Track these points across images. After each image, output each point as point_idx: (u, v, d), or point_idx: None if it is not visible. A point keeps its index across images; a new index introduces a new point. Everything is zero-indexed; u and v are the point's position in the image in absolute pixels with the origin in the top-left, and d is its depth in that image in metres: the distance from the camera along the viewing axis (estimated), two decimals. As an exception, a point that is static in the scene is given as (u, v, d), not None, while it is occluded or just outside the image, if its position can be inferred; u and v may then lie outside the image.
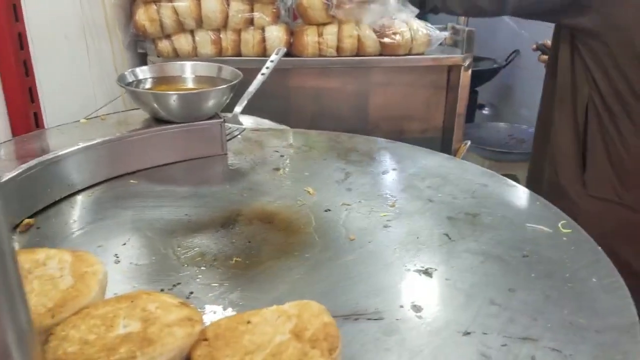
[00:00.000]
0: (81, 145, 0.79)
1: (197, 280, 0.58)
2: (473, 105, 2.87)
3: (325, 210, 0.74)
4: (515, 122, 2.68)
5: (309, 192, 0.80)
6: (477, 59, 2.78)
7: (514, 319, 0.51)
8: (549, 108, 1.19)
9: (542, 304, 0.54)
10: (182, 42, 1.46)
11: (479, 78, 2.71)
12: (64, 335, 0.37)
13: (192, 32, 1.46)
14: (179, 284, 0.57)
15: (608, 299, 0.54)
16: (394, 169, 0.90)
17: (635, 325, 0.50)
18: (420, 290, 0.57)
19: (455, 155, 1.64)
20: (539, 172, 1.24)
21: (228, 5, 1.43)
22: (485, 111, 3.13)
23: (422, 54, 1.56)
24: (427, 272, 0.60)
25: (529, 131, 2.51)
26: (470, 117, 2.81)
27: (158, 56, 1.47)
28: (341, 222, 0.71)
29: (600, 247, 0.64)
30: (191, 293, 0.56)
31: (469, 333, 0.49)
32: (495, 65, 2.76)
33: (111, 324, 0.37)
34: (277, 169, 0.89)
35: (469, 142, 1.77)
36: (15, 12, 0.86)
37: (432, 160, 0.93)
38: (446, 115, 1.73)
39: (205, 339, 0.38)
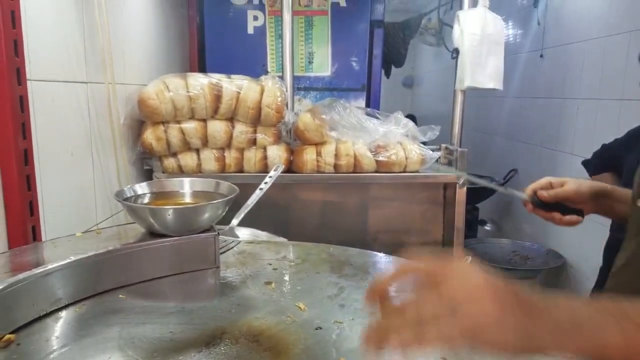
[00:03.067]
0: (72, 259, 0.79)
1: (174, 405, 0.54)
2: (474, 221, 2.89)
3: (316, 329, 0.72)
4: (518, 238, 2.68)
5: (300, 307, 0.78)
6: (475, 177, 2.88)
7: None
8: None
9: None
10: (188, 159, 1.53)
11: (478, 195, 2.78)
12: None
13: (197, 150, 1.55)
14: (153, 409, 0.53)
15: None
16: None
17: None
18: (414, 420, 0.52)
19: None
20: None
21: (233, 127, 1.53)
22: (487, 227, 3.15)
23: (417, 172, 1.63)
24: (421, 399, 0.56)
25: (533, 247, 2.50)
26: (472, 232, 2.82)
27: (163, 172, 1.54)
28: (332, 342, 0.68)
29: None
30: (165, 421, 0.52)
31: None
32: (493, 183, 2.84)
33: None
34: (269, 283, 0.88)
35: (469, 258, 1.76)
36: (24, 130, 0.92)
37: (427, 276, 0.91)
38: (445, 229, 1.75)
39: None
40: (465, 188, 1.63)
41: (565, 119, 2.36)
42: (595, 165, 1.51)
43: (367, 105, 2.34)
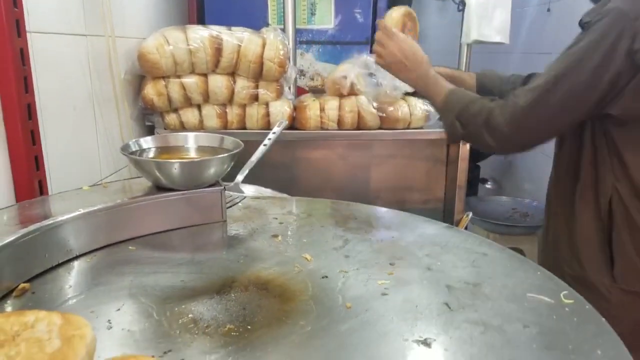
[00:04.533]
0: (81, 211, 0.80)
1: (189, 347, 0.57)
2: (475, 179, 2.90)
3: (322, 277, 0.74)
4: (519, 196, 2.70)
5: (306, 258, 0.80)
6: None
7: (516, 392, 0.49)
8: (567, 203, 1.11)
9: (545, 377, 0.51)
10: (189, 115, 1.52)
11: (480, 153, 2.78)
12: (45, 400, 0.36)
13: (198, 106, 1.54)
14: (170, 351, 0.56)
15: (614, 372, 0.52)
16: (392, 237, 0.90)
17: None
18: (419, 361, 0.55)
19: (457, 227, 1.64)
20: (555, 262, 1.15)
21: (234, 82, 1.51)
22: (488, 185, 3.17)
23: (421, 128, 1.62)
24: (425, 343, 0.58)
25: (532, 205, 2.52)
26: (473, 190, 2.84)
27: (165, 128, 1.53)
28: (338, 290, 0.70)
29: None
30: (181, 361, 0.54)
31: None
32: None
33: (94, 388, 0.36)
34: (276, 236, 0.89)
35: (470, 214, 1.78)
36: (26, 84, 0.91)
37: (431, 229, 0.93)
38: (447, 187, 1.76)
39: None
40: (468, 145, 1.62)
41: None
42: None
43: (371, 59, 2.29)
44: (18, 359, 0.40)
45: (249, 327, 0.61)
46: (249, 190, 1.18)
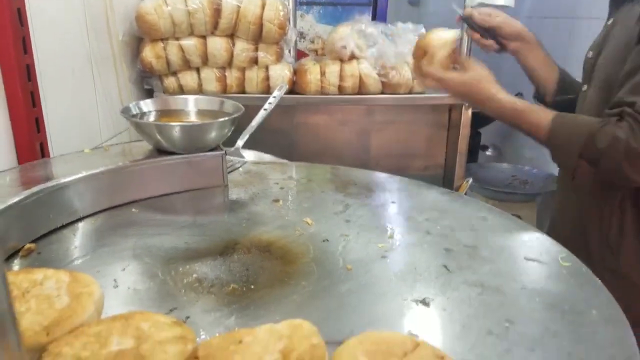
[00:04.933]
0: (84, 173, 0.81)
1: (194, 305, 0.58)
2: (476, 146, 2.90)
3: (323, 241, 0.75)
4: (519, 163, 2.70)
5: (307, 222, 0.81)
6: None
7: (510, 350, 0.50)
8: (604, 193, 1.02)
9: (540, 336, 0.53)
10: (188, 79, 1.51)
11: (482, 119, 2.76)
12: (58, 352, 0.37)
13: (197, 69, 1.51)
14: (175, 308, 0.57)
15: (607, 331, 0.54)
16: (392, 202, 0.90)
17: (634, 357, 0.49)
18: (417, 320, 0.56)
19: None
20: (584, 251, 1.03)
21: (233, 44, 1.48)
22: (489, 152, 3.16)
23: (423, 93, 1.61)
24: (424, 302, 0.59)
25: (532, 172, 2.53)
26: (473, 157, 2.83)
27: (164, 92, 1.51)
28: (339, 253, 0.71)
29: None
30: (187, 317, 0.56)
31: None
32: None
33: (105, 341, 0.37)
34: (277, 201, 0.90)
35: (470, 180, 1.79)
36: (24, 45, 0.90)
37: (431, 194, 0.94)
38: (448, 153, 1.76)
39: (196, 357, 0.38)
40: (470, 111, 1.61)
41: (575, 39, 2.28)
42: None
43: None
44: (28, 315, 0.41)
45: (252, 287, 0.62)
46: (249, 155, 1.18)
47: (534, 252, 0.72)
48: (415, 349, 0.40)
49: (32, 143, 0.94)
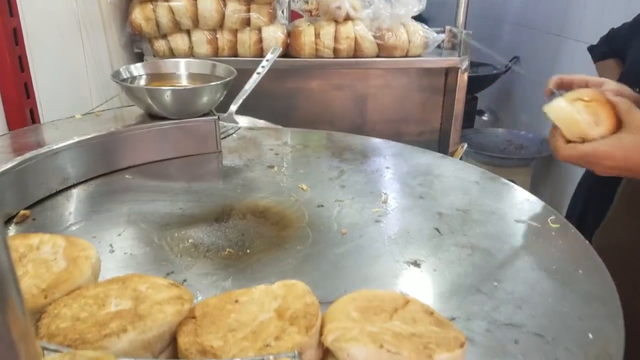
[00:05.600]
0: (76, 139, 0.80)
1: (191, 269, 0.59)
2: (472, 111, 2.88)
3: (318, 206, 0.75)
4: (515, 128, 2.70)
5: (302, 188, 0.81)
6: (476, 65, 2.81)
7: (498, 307, 0.52)
8: None
9: (527, 294, 0.55)
10: (178, 41, 1.47)
11: (478, 84, 2.73)
12: (56, 313, 0.38)
13: (188, 32, 1.48)
14: (172, 272, 0.58)
15: (593, 289, 0.55)
16: (387, 167, 0.91)
17: (617, 314, 0.51)
18: (408, 280, 0.58)
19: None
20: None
21: (224, 5, 1.44)
22: (485, 117, 3.15)
23: (419, 56, 1.58)
24: (415, 264, 0.61)
25: (528, 137, 2.53)
26: (469, 122, 2.82)
27: (154, 56, 1.48)
28: (333, 217, 0.72)
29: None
30: (184, 281, 0.57)
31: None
32: (494, 71, 2.78)
33: (102, 303, 0.38)
34: (272, 167, 0.90)
35: (465, 145, 1.79)
36: (10, 7, 0.87)
37: (425, 159, 0.94)
38: (443, 118, 1.75)
39: (193, 317, 0.39)
40: (466, 74, 1.60)
41: (573, 3, 2.25)
42: (601, 51, 1.46)
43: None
44: (26, 279, 0.42)
45: (248, 251, 0.63)
46: (243, 121, 1.17)
47: (524, 214, 0.73)
48: (405, 305, 0.41)
49: (22, 109, 0.93)
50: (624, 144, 0.66)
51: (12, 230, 0.68)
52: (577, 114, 0.68)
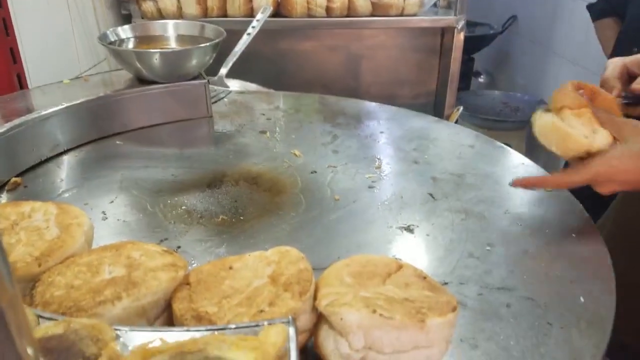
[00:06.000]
0: (65, 105, 0.78)
1: (184, 236, 0.59)
2: (469, 73, 2.84)
3: (311, 172, 0.75)
4: (511, 90, 2.68)
5: (295, 154, 0.81)
6: (473, 25, 2.74)
7: (491, 271, 0.53)
8: None
9: (519, 258, 0.55)
10: (166, 2, 1.43)
11: (475, 44, 2.68)
12: (51, 281, 0.38)
13: (177, -8, 1.43)
14: (166, 239, 0.58)
15: (585, 253, 0.56)
16: (381, 132, 0.90)
17: (609, 277, 0.52)
18: (401, 245, 0.58)
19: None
20: None
21: (214, -37, 1.39)
22: (481, 79, 3.11)
23: (415, 15, 1.54)
24: (408, 229, 0.61)
25: (524, 99, 2.50)
26: (465, 84, 2.79)
27: (142, 17, 1.44)
28: (327, 183, 0.72)
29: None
30: (178, 247, 0.57)
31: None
32: (491, 32, 2.72)
33: (96, 270, 0.38)
34: (264, 132, 0.89)
35: (461, 108, 1.77)
36: (-8, -32, 0.83)
37: (420, 123, 0.93)
38: (439, 80, 1.72)
39: (188, 284, 0.39)
40: (463, 34, 1.56)
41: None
42: (600, 8, 1.43)
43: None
44: (19, 246, 0.42)
45: (242, 217, 0.63)
46: (234, 84, 1.15)
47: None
48: (398, 270, 0.42)
49: (9, 74, 0.90)
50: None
51: (3, 197, 0.67)
52: (569, 127, 0.57)
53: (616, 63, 0.68)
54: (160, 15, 1.44)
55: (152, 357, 0.29)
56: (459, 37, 1.56)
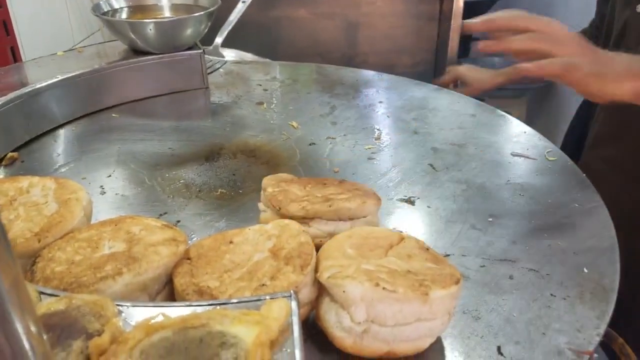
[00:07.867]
0: (59, 77, 0.77)
1: (184, 210, 0.59)
2: (468, 40, 2.79)
3: (310, 144, 0.74)
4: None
5: (293, 126, 0.80)
6: (473, -11, 2.68)
7: (493, 243, 0.53)
8: None
9: (522, 229, 0.55)
10: (160, -31, 1.38)
11: (474, 10, 2.62)
12: (51, 257, 0.38)
13: (170, -42, 1.38)
14: (165, 213, 0.58)
15: (589, 223, 0.56)
16: (380, 102, 0.89)
17: (613, 247, 0.51)
18: (402, 218, 0.58)
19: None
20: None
21: None
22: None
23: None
24: (409, 201, 0.61)
25: (524, 66, 2.46)
26: (465, 51, 2.74)
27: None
28: (325, 155, 0.71)
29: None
30: (178, 222, 0.56)
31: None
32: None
33: (96, 245, 0.38)
34: (261, 103, 0.87)
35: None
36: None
37: (420, 92, 0.92)
38: (438, 48, 1.69)
39: (188, 258, 0.39)
40: (462, 0, 1.53)
41: None
42: None
43: None
44: (18, 222, 0.41)
45: (240, 191, 0.63)
46: (229, 54, 1.12)
47: (520, 147, 0.72)
48: (400, 242, 0.41)
49: (2, 47, 0.88)
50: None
51: (0, 173, 0.66)
52: None
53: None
54: (153, -17, 1.39)
55: (155, 333, 0.29)
56: (459, 3, 1.53)
